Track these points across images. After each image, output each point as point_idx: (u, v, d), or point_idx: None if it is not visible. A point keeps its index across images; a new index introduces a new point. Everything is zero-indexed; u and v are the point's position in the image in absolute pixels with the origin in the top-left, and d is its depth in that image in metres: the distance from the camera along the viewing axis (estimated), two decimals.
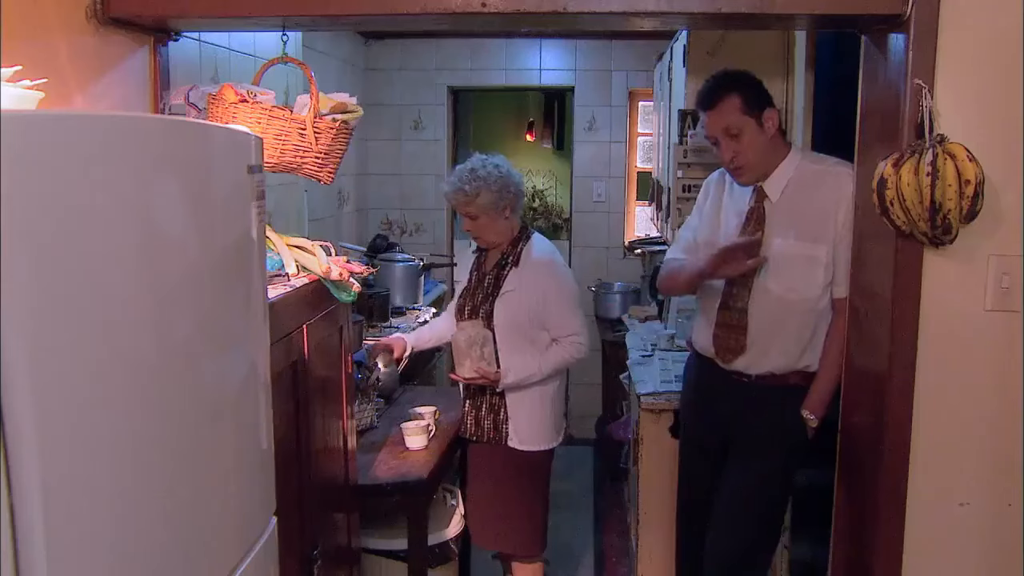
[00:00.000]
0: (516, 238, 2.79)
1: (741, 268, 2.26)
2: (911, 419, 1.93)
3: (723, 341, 2.36)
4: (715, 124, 2.28)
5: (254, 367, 1.47)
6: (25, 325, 0.86)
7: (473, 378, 2.70)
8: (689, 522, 2.58)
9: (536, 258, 2.76)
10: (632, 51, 5.16)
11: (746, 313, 2.31)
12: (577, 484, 4.66)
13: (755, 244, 2.28)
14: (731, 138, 2.27)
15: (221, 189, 1.34)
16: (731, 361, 2.36)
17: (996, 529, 1.96)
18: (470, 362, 2.68)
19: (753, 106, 2.25)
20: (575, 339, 2.73)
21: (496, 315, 2.72)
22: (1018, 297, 1.89)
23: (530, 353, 2.72)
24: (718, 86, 2.29)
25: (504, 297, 2.73)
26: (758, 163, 2.29)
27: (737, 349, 2.33)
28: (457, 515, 2.84)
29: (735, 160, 2.28)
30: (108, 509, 1.01)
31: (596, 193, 5.35)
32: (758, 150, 2.27)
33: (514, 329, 2.72)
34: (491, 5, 1.89)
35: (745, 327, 2.31)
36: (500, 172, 2.74)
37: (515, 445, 2.74)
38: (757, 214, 2.32)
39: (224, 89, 1.97)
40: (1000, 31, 1.82)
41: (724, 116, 2.26)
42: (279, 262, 1.93)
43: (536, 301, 2.70)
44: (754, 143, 2.26)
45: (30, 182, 0.87)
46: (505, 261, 2.77)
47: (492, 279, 2.78)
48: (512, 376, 2.69)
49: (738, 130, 2.25)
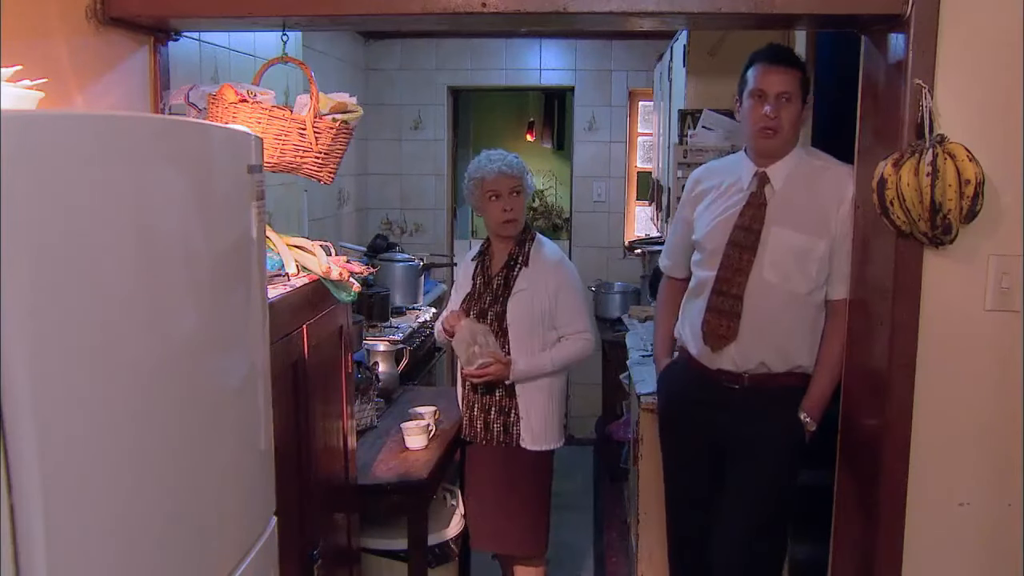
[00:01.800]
0: (522, 238, 2.80)
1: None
2: (911, 419, 1.93)
3: (714, 327, 2.31)
4: (776, 82, 2.25)
5: (254, 367, 1.47)
6: (25, 325, 0.86)
7: (485, 370, 2.67)
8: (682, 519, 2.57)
9: (548, 257, 2.78)
10: (632, 51, 5.17)
11: (740, 300, 2.27)
12: (577, 484, 4.66)
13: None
14: (783, 101, 2.26)
15: (221, 189, 1.34)
16: (720, 348, 2.31)
17: (996, 529, 1.96)
18: (478, 348, 2.67)
19: (805, 89, 2.30)
20: (584, 335, 2.76)
21: (509, 314, 2.72)
22: (1018, 297, 1.89)
23: (541, 355, 2.73)
24: (792, 53, 2.33)
25: (516, 296, 2.73)
26: (787, 137, 2.29)
27: (728, 336, 2.29)
28: (457, 515, 2.84)
29: (774, 122, 2.26)
30: (108, 509, 1.01)
31: (596, 193, 5.35)
32: (793, 126, 2.29)
33: (527, 329, 2.72)
34: (491, 5, 1.89)
35: (739, 314, 2.28)
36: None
37: (527, 445, 2.74)
38: (759, 200, 2.30)
39: (224, 89, 1.96)
40: (1000, 31, 1.82)
41: (788, 80, 2.25)
42: (279, 262, 1.93)
43: (548, 299, 2.71)
44: (793, 118, 2.27)
45: (30, 182, 0.87)
46: (514, 262, 2.77)
47: (501, 280, 2.78)
48: (523, 364, 2.69)
49: (789, 98, 2.25)
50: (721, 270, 2.31)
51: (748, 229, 2.28)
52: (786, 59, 2.28)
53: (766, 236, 2.27)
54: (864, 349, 2.09)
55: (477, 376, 2.70)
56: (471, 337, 2.69)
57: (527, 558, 2.86)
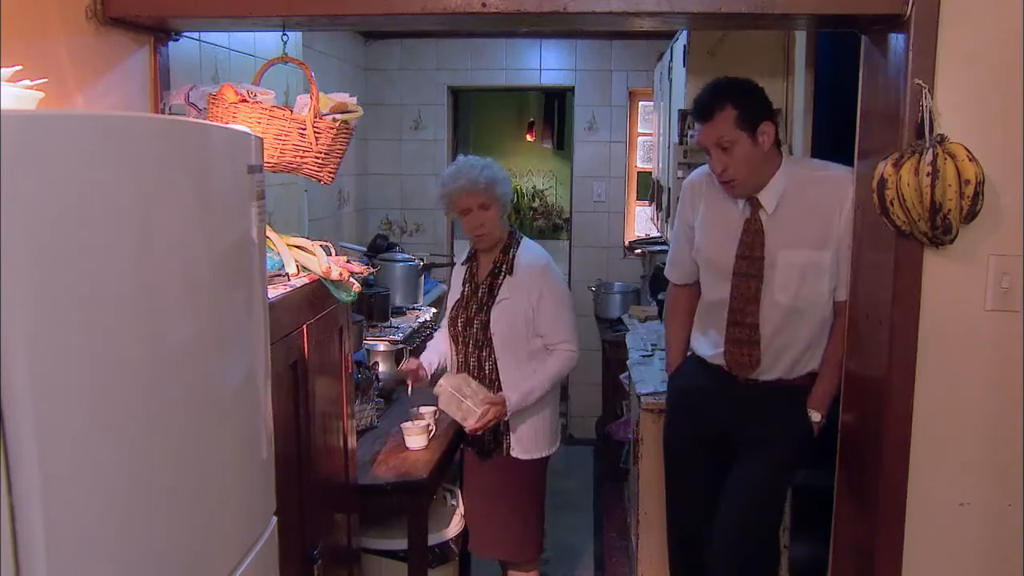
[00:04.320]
0: (507, 244, 2.76)
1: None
2: (911, 419, 1.93)
3: (736, 357, 2.33)
4: (708, 136, 2.22)
5: (254, 367, 1.47)
6: (25, 325, 0.86)
7: (487, 419, 2.62)
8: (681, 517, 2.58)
9: (529, 263, 2.73)
10: (632, 51, 5.17)
11: (757, 328, 2.29)
12: (577, 484, 4.65)
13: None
14: (723, 151, 2.21)
15: (221, 189, 1.34)
16: (747, 376, 2.35)
17: (996, 529, 1.96)
18: (469, 402, 2.61)
19: (748, 120, 2.19)
20: (566, 347, 2.72)
21: (493, 324, 2.70)
22: (1018, 297, 1.89)
23: (527, 364, 2.71)
24: (714, 96, 2.22)
25: (500, 305, 2.70)
26: (749, 177, 2.24)
27: (752, 364, 2.32)
28: (457, 515, 2.84)
29: (725, 173, 2.23)
30: (108, 509, 1.01)
31: (596, 193, 5.35)
32: (751, 165, 2.22)
33: (511, 338, 2.70)
34: (491, 5, 1.89)
35: (758, 341, 2.29)
36: (496, 167, 2.75)
37: (517, 455, 2.73)
38: (754, 227, 2.28)
39: (224, 89, 1.96)
40: (1000, 31, 1.82)
41: (717, 128, 2.20)
42: (279, 262, 1.93)
43: (530, 305, 2.68)
44: (746, 157, 2.20)
45: (30, 182, 0.87)
46: (498, 270, 2.74)
47: (486, 289, 2.75)
48: (516, 396, 2.65)
49: (730, 143, 2.19)
50: (732, 300, 2.32)
51: (750, 257, 2.28)
52: (707, 112, 2.21)
53: (771, 259, 2.26)
54: (864, 349, 2.09)
55: (483, 429, 2.65)
56: (457, 392, 2.65)
57: (521, 563, 2.86)
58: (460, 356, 2.80)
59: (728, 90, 2.23)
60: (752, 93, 2.25)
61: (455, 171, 2.75)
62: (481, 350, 2.73)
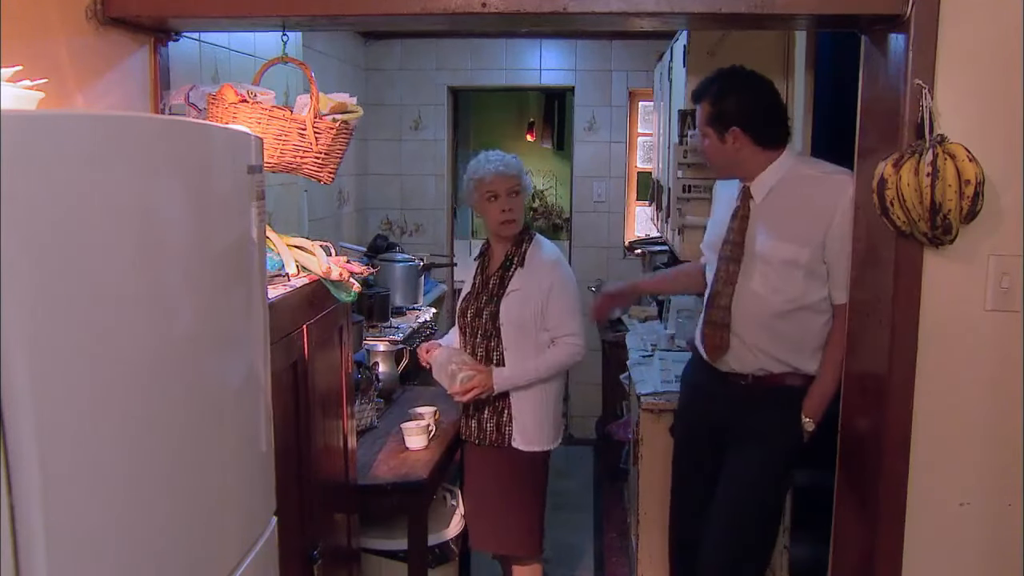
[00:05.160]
0: (520, 238, 2.80)
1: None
2: (911, 419, 1.93)
3: (710, 339, 2.39)
4: (698, 117, 2.40)
5: (254, 367, 1.47)
6: (25, 325, 0.86)
7: (470, 383, 2.67)
8: (682, 518, 2.59)
9: (542, 258, 2.77)
10: (632, 51, 5.17)
11: (728, 311, 2.34)
12: (577, 484, 4.66)
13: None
14: (703, 135, 2.39)
15: (221, 189, 1.34)
16: (718, 359, 2.38)
17: (996, 529, 1.96)
18: (455, 367, 2.69)
19: (717, 122, 2.32)
20: (572, 339, 2.73)
21: (502, 314, 2.72)
22: (1018, 297, 1.89)
23: (532, 356, 2.72)
24: (705, 86, 2.39)
25: (510, 296, 2.73)
26: (721, 166, 2.41)
27: (722, 346, 2.36)
28: (457, 515, 2.84)
29: (703, 153, 2.44)
30: (108, 509, 1.01)
31: (596, 193, 5.35)
32: (716, 158, 2.39)
33: (519, 328, 2.72)
34: (491, 5, 1.89)
35: (728, 324, 2.34)
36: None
37: (519, 446, 2.73)
38: (742, 212, 2.36)
39: (224, 89, 1.97)
40: (1000, 31, 1.82)
41: (699, 115, 2.39)
42: (279, 262, 1.93)
43: (540, 299, 2.71)
44: (713, 150, 2.37)
45: (30, 182, 0.87)
46: (510, 263, 2.77)
47: (497, 280, 2.78)
48: (507, 371, 2.69)
49: (703, 134, 2.38)
50: (714, 283, 2.40)
51: (733, 242, 2.36)
52: (695, 97, 2.41)
53: (750, 247, 2.32)
54: (864, 349, 2.09)
55: (463, 393, 2.69)
56: (447, 359, 2.72)
57: (522, 558, 2.86)
58: (468, 347, 2.81)
59: (716, 86, 2.35)
60: (736, 97, 2.31)
61: (483, 158, 2.83)
62: (489, 340, 2.75)
